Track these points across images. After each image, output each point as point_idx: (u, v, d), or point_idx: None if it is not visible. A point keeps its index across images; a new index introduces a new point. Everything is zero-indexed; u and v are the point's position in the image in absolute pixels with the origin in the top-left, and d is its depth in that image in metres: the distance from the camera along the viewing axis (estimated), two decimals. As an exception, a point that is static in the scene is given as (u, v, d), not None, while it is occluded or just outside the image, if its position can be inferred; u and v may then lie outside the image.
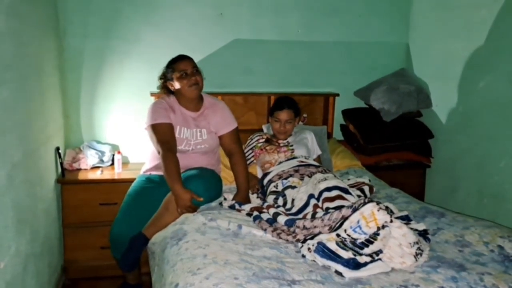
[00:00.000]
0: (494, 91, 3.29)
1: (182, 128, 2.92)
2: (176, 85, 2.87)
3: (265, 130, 3.55)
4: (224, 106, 3.10)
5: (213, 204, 2.80)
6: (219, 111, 3.03)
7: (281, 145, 3.20)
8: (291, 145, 3.19)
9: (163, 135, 2.80)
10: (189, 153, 2.93)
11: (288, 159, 3.07)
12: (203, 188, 2.69)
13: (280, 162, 3.07)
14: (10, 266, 2.14)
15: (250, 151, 3.29)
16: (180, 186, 2.59)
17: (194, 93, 2.88)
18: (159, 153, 2.75)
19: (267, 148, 3.19)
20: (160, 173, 2.87)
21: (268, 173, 3.02)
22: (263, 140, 3.27)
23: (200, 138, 2.94)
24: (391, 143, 3.83)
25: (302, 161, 3.02)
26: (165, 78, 2.94)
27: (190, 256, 2.08)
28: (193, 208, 2.63)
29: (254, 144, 3.28)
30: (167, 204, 2.67)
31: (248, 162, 3.25)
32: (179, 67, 2.85)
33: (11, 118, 2.23)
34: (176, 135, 2.89)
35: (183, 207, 2.59)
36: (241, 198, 2.84)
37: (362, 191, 2.83)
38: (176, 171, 2.66)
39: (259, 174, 3.21)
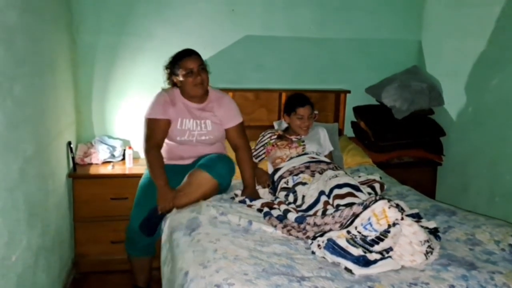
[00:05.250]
0: (507, 89, 3.26)
1: (184, 120, 2.90)
2: (181, 81, 2.86)
3: (276, 127, 3.54)
4: (230, 100, 3.08)
5: (225, 196, 2.83)
6: (224, 105, 3.00)
7: (293, 140, 3.19)
8: (303, 141, 3.17)
9: (152, 131, 2.84)
10: (194, 144, 2.92)
11: (299, 155, 3.07)
12: (227, 169, 2.78)
13: (291, 158, 3.06)
14: (21, 259, 2.16)
15: (262, 148, 3.27)
16: (165, 183, 2.69)
17: (198, 92, 2.87)
18: (144, 149, 2.83)
19: (279, 143, 3.17)
20: (170, 162, 2.90)
21: (279, 168, 3.01)
22: (275, 136, 3.26)
23: (205, 130, 2.93)
24: (403, 141, 3.81)
25: (313, 157, 3.01)
26: (170, 71, 2.90)
27: (201, 248, 2.10)
28: (169, 210, 2.68)
29: (266, 141, 3.26)
30: (190, 178, 2.71)
31: (259, 159, 3.27)
32: (186, 65, 2.80)
33: (23, 112, 2.24)
34: (178, 127, 2.88)
35: (163, 203, 2.65)
36: (249, 194, 2.83)
37: (373, 188, 2.82)
38: (160, 166, 2.76)
39: (270, 170, 3.20)
